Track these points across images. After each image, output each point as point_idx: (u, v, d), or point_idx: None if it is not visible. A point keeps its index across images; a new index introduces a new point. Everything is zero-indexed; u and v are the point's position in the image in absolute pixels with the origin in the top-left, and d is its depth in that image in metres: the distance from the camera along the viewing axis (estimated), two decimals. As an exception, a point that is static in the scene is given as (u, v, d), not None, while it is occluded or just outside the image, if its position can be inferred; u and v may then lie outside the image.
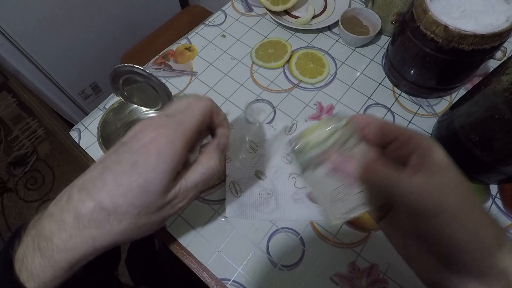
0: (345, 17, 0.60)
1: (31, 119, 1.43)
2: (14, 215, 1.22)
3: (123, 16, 1.06)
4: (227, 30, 0.64)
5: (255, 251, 0.43)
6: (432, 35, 0.43)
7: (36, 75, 0.93)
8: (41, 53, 0.89)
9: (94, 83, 1.11)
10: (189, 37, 0.64)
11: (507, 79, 0.34)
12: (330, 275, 0.42)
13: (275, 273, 0.42)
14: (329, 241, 0.44)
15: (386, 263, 0.42)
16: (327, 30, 0.64)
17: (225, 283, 0.41)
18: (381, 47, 0.61)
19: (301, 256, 0.43)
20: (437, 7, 0.43)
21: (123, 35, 1.10)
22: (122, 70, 0.35)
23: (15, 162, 1.33)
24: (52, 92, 1.01)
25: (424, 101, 0.55)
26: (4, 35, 0.80)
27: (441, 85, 0.52)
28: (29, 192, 1.26)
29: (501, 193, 0.46)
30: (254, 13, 0.67)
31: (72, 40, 0.95)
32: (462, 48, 0.42)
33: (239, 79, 0.58)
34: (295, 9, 0.66)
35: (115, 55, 1.03)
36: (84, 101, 1.11)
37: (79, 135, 0.53)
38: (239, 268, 0.42)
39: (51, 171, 1.31)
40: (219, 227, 0.45)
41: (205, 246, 0.44)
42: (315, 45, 0.62)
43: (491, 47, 0.42)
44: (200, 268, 0.43)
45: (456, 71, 0.48)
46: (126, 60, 0.96)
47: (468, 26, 0.41)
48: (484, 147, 0.39)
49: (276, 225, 0.45)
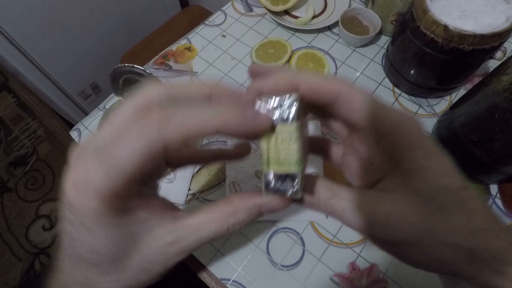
0: (345, 17, 0.60)
1: (31, 119, 1.42)
2: (14, 215, 1.22)
3: (123, 16, 1.06)
4: (227, 30, 0.64)
5: (255, 251, 0.43)
6: (432, 35, 0.43)
7: (36, 75, 0.93)
8: (41, 53, 0.89)
9: (94, 83, 1.11)
10: (189, 37, 0.64)
11: (507, 79, 0.34)
12: (330, 275, 0.42)
13: (275, 273, 0.42)
14: (329, 241, 0.44)
15: (386, 263, 0.42)
16: (327, 30, 0.64)
17: (225, 283, 0.41)
18: (381, 47, 0.61)
19: (301, 256, 0.43)
20: (437, 7, 0.43)
21: (123, 35, 1.10)
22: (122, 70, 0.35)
23: (15, 162, 1.33)
24: (52, 92, 1.01)
25: (424, 101, 0.55)
26: (4, 35, 0.80)
27: (441, 85, 0.52)
28: (29, 192, 1.26)
29: (501, 193, 0.46)
30: (254, 13, 0.67)
31: (72, 40, 0.95)
32: (462, 48, 0.42)
33: (239, 79, 0.58)
34: (295, 9, 0.66)
35: (115, 55, 1.03)
36: (84, 101, 1.11)
37: (79, 135, 0.53)
38: (239, 268, 0.42)
39: (51, 171, 1.31)
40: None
41: (205, 246, 0.44)
42: (315, 45, 0.62)
43: (491, 47, 0.42)
44: (200, 268, 0.43)
45: (456, 71, 0.48)
46: (126, 60, 0.96)
47: (468, 26, 0.41)
48: (484, 147, 0.39)
49: (276, 225, 0.45)
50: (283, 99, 0.16)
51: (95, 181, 0.14)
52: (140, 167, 0.14)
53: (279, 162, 0.16)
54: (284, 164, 0.16)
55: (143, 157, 0.14)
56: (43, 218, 1.21)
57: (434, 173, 0.16)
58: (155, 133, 0.14)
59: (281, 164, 0.16)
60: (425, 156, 0.16)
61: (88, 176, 0.14)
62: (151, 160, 0.14)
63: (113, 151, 0.14)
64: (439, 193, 0.16)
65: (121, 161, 0.14)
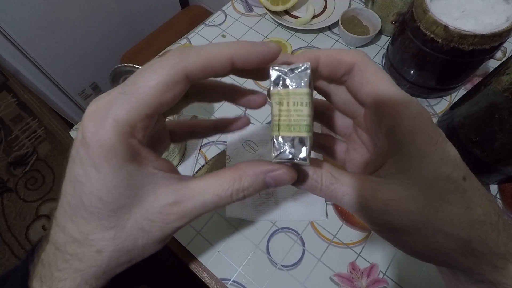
0: (345, 17, 0.60)
1: (31, 119, 1.42)
2: (14, 215, 1.22)
3: (123, 16, 1.06)
4: (227, 30, 0.64)
5: (255, 251, 0.43)
6: (432, 35, 0.43)
7: (36, 75, 0.93)
8: (41, 53, 0.89)
9: (94, 83, 1.11)
10: (189, 37, 0.64)
11: (507, 79, 0.34)
12: (330, 275, 0.41)
13: (275, 273, 0.42)
14: (329, 241, 0.44)
15: (386, 263, 0.42)
16: (327, 30, 0.64)
17: (225, 283, 0.41)
18: (381, 47, 0.61)
19: (301, 256, 0.43)
20: (437, 7, 0.43)
21: (123, 35, 1.10)
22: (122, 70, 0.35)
23: (15, 162, 1.33)
24: (52, 92, 1.01)
25: (424, 101, 0.55)
26: (4, 35, 0.80)
27: (441, 85, 0.52)
28: (29, 192, 1.26)
29: (501, 193, 0.46)
30: (254, 13, 0.67)
31: (72, 40, 0.95)
32: (462, 48, 0.42)
33: (239, 79, 0.58)
34: (295, 9, 0.66)
35: (115, 55, 1.03)
36: (84, 101, 1.11)
37: (79, 135, 0.53)
38: (239, 268, 0.42)
39: (51, 171, 1.31)
40: (219, 227, 0.45)
41: (205, 246, 0.44)
42: (315, 45, 0.62)
43: (491, 47, 0.42)
44: (200, 268, 0.43)
45: (456, 71, 0.48)
46: (126, 60, 0.96)
47: (468, 26, 0.41)
48: (484, 147, 0.39)
49: (276, 225, 0.45)
50: (297, 66, 0.16)
51: (115, 109, 0.14)
52: (162, 93, 0.15)
53: (290, 125, 0.16)
54: (294, 128, 0.16)
55: (165, 83, 0.15)
56: (43, 218, 1.21)
57: (436, 160, 0.16)
58: (176, 60, 0.15)
59: (292, 128, 0.16)
60: (429, 142, 0.16)
61: (110, 104, 0.15)
62: (172, 88, 0.15)
63: (136, 81, 0.15)
64: (439, 181, 0.16)
65: (143, 87, 0.15)
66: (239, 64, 0.16)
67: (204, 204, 0.16)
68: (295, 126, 0.16)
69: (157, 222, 0.16)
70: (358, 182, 0.17)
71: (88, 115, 0.15)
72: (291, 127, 0.16)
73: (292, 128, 0.16)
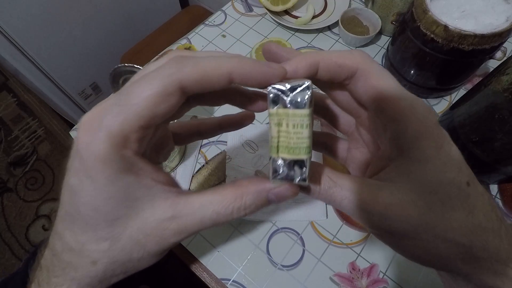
0: (345, 17, 0.60)
1: (31, 119, 1.42)
2: (14, 215, 1.22)
3: (123, 16, 1.06)
4: (227, 30, 0.64)
5: (255, 251, 0.43)
6: (432, 35, 0.43)
7: (36, 75, 0.93)
8: (41, 53, 0.89)
9: (94, 83, 1.11)
10: (189, 37, 0.64)
11: (507, 79, 0.34)
12: (330, 275, 0.41)
13: (275, 273, 0.42)
14: (329, 241, 0.44)
15: (386, 263, 0.42)
16: (327, 30, 0.64)
17: (225, 283, 0.41)
18: (381, 47, 0.61)
19: (301, 256, 0.43)
20: (437, 7, 0.43)
21: (123, 35, 1.10)
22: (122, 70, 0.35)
23: (15, 162, 1.33)
24: (52, 92, 1.01)
25: (424, 101, 0.55)
26: (4, 35, 0.80)
27: (441, 85, 0.52)
28: (29, 192, 1.26)
29: (501, 193, 0.46)
30: (254, 13, 0.67)
31: (72, 40, 0.95)
32: (462, 48, 0.42)
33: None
34: (295, 9, 0.66)
35: (115, 55, 1.03)
36: (84, 101, 1.11)
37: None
38: (239, 268, 0.42)
39: (51, 171, 1.31)
40: (219, 227, 0.45)
41: (205, 246, 0.44)
42: (315, 45, 0.62)
43: (491, 47, 0.42)
44: (200, 268, 0.43)
45: (456, 71, 0.48)
46: (126, 60, 0.96)
47: (468, 26, 0.41)
48: (484, 147, 0.39)
49: (276, 225, 0.45)
50: (296, 84, 0.15)
51: (108, 120, 0.14)
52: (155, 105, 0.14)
53: (289, 148, 0.15)
54: (294, 151, 0.15)
55: (158, 94, 0.14)
56: (43, 218, 1.21)
57: (439, 165, 0.15)
58: (172, 70, 0.14)
59: (291, 150, 0.15)
60: (433, 146, 0.16)
61: (103, 115, 0.14)
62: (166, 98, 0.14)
63: (131, 91, 0.14)
64: (442, 186, 0.15)
65: (137, 98, 0.14)
66: (238, 81, 0.15)
67: (202, 221, 0.16)
68: (295, 149, 0.15)
69: (154, 237, 0.16)
70: (357, 185, 0.16)
71: (82, 125, 0.15)
72: (291, 149, 0.15)
73: (292, 151, 0.15)
